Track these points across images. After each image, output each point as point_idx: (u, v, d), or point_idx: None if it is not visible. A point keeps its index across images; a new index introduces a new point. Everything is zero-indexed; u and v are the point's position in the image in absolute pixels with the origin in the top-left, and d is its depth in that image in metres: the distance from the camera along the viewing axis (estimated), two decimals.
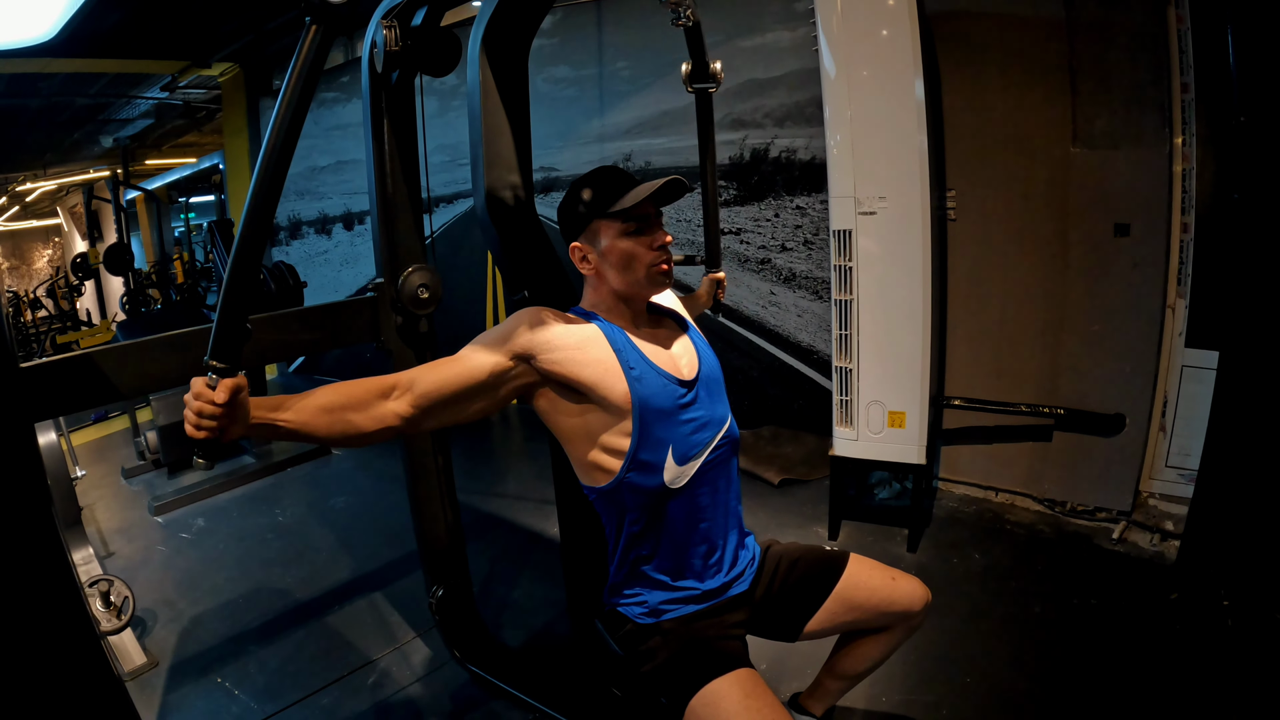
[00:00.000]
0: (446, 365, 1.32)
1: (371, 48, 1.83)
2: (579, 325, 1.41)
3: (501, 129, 1.84)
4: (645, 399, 1.37)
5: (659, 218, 1.44)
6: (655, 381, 1.39)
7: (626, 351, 1.39)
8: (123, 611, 2.73)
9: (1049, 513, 3.31)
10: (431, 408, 1.29)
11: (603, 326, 1.42)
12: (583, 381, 1.35)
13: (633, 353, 1.40)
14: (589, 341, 1.38)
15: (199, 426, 1.07)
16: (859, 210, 2.73)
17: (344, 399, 1.22)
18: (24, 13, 3.79)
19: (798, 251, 4.24)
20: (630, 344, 1.41)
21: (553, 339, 1.35)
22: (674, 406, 1.40)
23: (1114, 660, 2.32)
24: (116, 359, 1.57)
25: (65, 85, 7.55)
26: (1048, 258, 3.19)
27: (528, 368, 1.35)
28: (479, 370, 1.31)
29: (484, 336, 1.37)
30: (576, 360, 1.35)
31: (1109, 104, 2.97)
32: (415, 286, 2.04)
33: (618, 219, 1.39)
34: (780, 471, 3.90)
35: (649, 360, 1.41)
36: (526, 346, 1.34)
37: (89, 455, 5.45)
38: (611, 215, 1.38)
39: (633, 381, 1.37)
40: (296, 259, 7.57)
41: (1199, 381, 2.95)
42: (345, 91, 6.83)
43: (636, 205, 1.37)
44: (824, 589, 1.60)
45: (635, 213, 1.38)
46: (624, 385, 1.36)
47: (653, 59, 4.63)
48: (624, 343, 1.41)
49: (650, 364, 1.41)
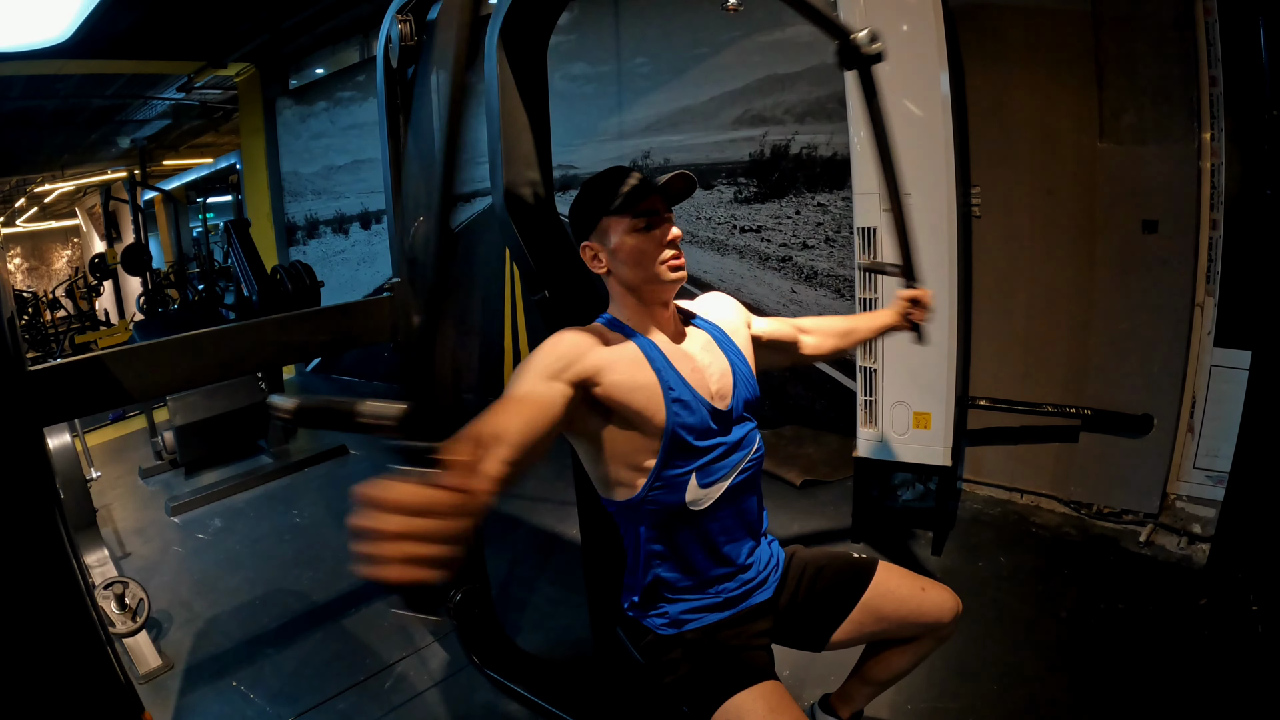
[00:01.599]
0: (520, 407, 1.12)
1: (386, 43, 1.80)
2: (621, 345, 1.36)
3: (520, 124, 1.80)
4: (678, 424, 1.33)
5: (669, 214, 1.40)
6: (691, 406, 1.35)
7: (666, 373, 1.35)
8: (138, 614, 2.72)
9: (1075, 515, 3.24)
10: (523, 458, 1.04)
11: (640, 344, 1.37)
12: (630, 406, 1.31)
13: (671, 374, 1.36)
14: (635, 365, 1.33)
15: (424, 560, 0.68)
16: (884, 207, 2.68)
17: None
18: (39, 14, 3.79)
19: (819, 249, 4.19)
20: (668, 364, 1.37)
21: (603, 363, 1.30)
22: (704, 432, 1.37)
23: (1143, 667, 2.26)
24: (127, 362, 1.55)
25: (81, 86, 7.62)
26: (1074, 255, 3.12)
27: (586, 394, 1.29)
28: (555, 404, 1.18)
29: (534, 370, 1.23)
30: (627, 386, 1.31)
31: (1136, 98, 2.90)
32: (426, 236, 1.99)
33: (626, 215, 1.35)
34: (802, 472, 3.85)
35: (687, 383, 1.37)
36: (583, 372, 1.26)
37: (106, 455, 5.47)
38: (619, 212, 1.35)
39: (670, 404, 1.33)
40: (314, 259, 7.60)
41: (1228, 381, 2.88)
42: (361, 90, 6.83)
43: (645, 201, 1.34)
44: (851, 598, 1.56)
45: (643, 208, 1.35)
46: (664, 413, 1.32)
47: (671, 55, 4.58)
48: (662, 363, 1.36)
49: (688, 387, 1.37)
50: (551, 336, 1.33)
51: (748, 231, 4.44)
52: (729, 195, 4.49)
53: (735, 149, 4.40)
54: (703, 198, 4.59)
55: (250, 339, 1.77)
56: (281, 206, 8.09)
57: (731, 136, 4.39)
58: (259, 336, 1.78)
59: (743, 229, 4.46)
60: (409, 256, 1.82)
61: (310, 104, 7.42)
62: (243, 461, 4.90)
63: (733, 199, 4.47)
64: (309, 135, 7.51)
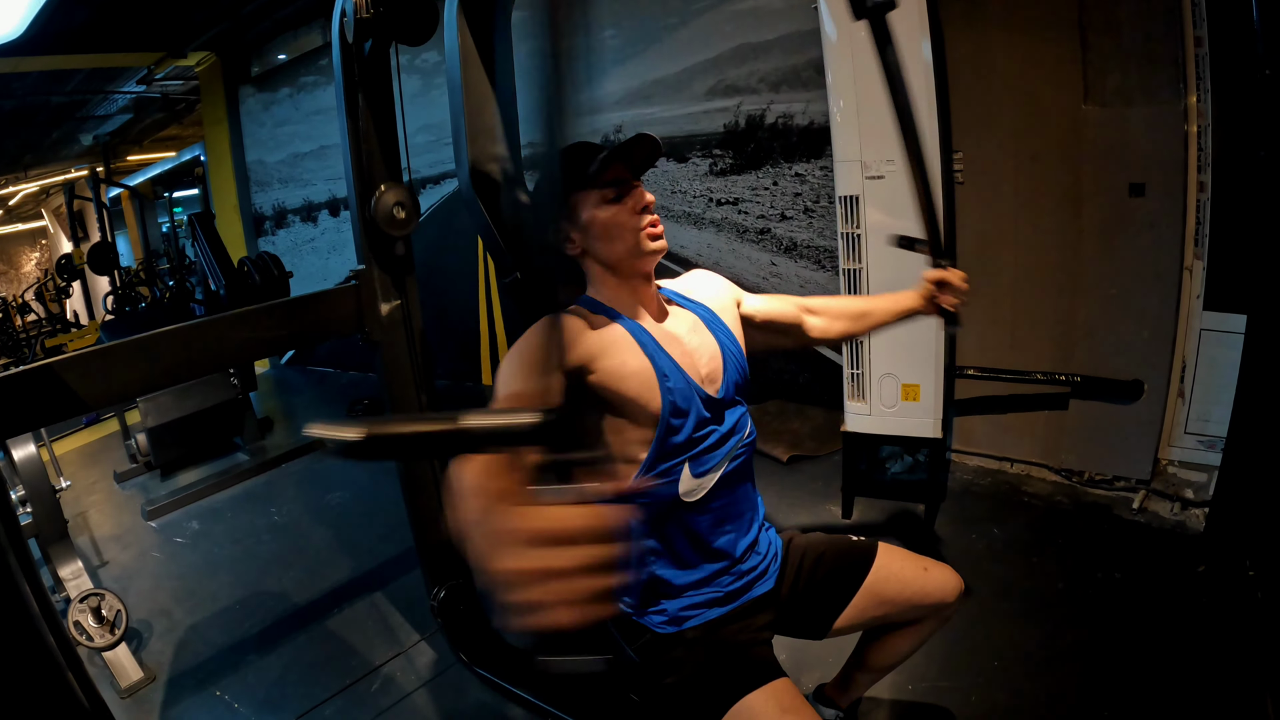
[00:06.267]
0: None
1: (341, 16, 1.69)
2: (609, 329, 1.29)
3: (484, 97, 1.70)
4: (672, 412, 1.26)
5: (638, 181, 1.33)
6: (684, 393, 1.28)
7: (658, 357, 1.27)
8: (116, 625, 2.63)
9: (1066, 483, 3.22)
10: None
11: (627, 326, 1.29)
12: (624, 394, 1.23)
13: (663, 358, 1.28)
14: (626, 350, 1.26)
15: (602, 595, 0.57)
16: (866, 175, 2.61)
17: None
18: None
19: (798, 220, 4.11)
20: (658, 347, 1.29)
21: (594, 349, 1.23)
22: (696, 419, 1.29)
23: (1143, 636, 2.24)
24: (80, 368, 1.45)
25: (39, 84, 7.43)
26: (1060, 220, 3.07)
27: (579, 384, 1.21)
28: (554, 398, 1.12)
29: (523, 364, 1.17)
30: (620, 374, 1.23)
31: (1120, 60, 2.84)
32: (391, 205, 1.89)
33: (592, 188, 1.28)
34: (788, 448, 3.80)
35: (679, 367, 1.29)
36: (575, 361, 1.20)
37: (80, 460, 5.36)
38: (584, 186, 1.28)
39: (665, 392, 1.25)
40: (283, 248, 7.47)
41: (1218, 345, 2.85)
42: (325, 74, 6.67)
43: (609, 170, 1.27)
44: (853, 583, 1.50)
45: (609, 178, 1.28)
46: (659, 400, 1.25)
47: (641, 26, 4.47)
48: (653, 347, 1.28)
49: (681, 373, 1.29)
50: (533, 326, 1.25)
51: (725, 204, 4.35)
52: (704, 168, 4.40)
53: (709, 120, 4.30)
54: (678, 171, 4.50)
55: (210, 336, 1.67)
56: (248, 197, 7.92)
57: (705, 108, 4.29)
58: (219, 333, 1.68)
59: (719, 202, 4.37)
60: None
61: (274, 91, 7.24)
62: (219, 460, 4.79)
63: (708, 171, 4.38)
64: (273, 123, 7.34)
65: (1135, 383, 2.99)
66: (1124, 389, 3.01)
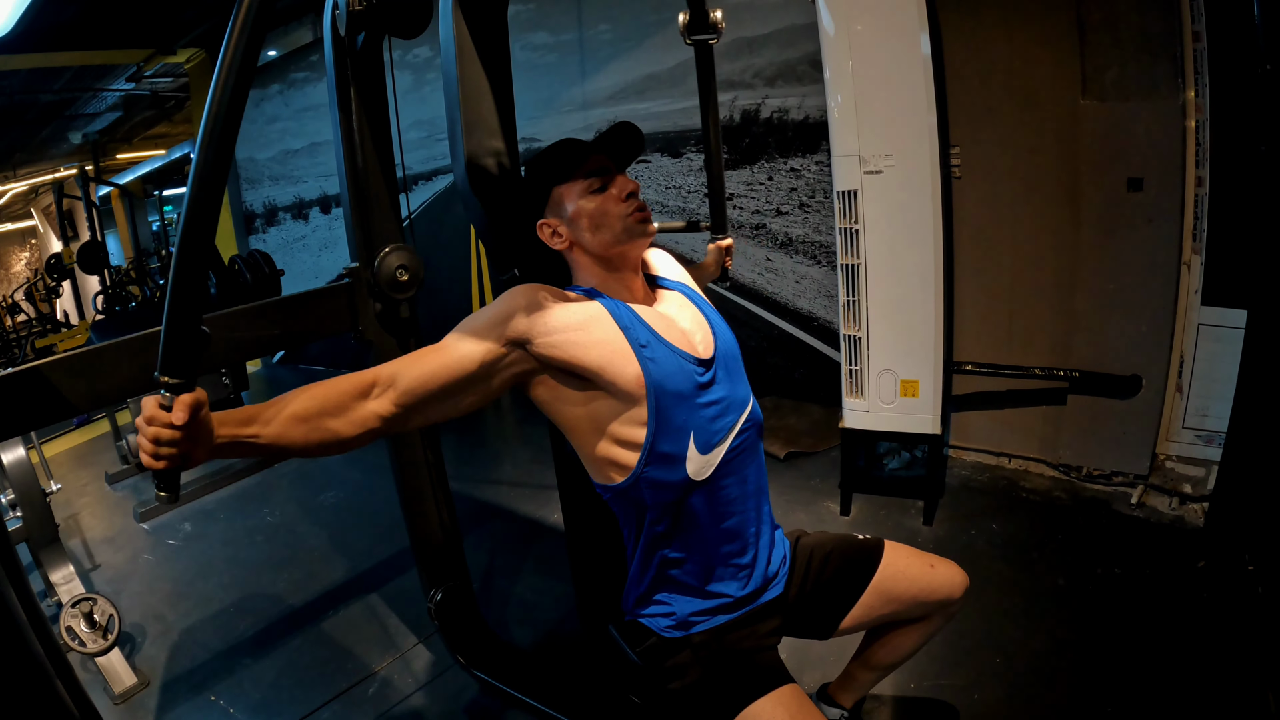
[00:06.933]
0: (431, 356, 1.17)
1: (333, 9, 1.66)
2: (580, 303, 1.26)
3: (481, 90, 1.66)
4: (661, 380, 1.22)
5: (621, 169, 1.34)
6: (671, 360, 1.25)
7: (635, 328, 1.25)
8: (108, 631, 2.60)
9: (1064, 479, 3.21)
10: (416, 405, 1.16)
11: (606, 303, 1.27)
12: (587, 366, 1.20)
13: (642, 329, 1.25)
14: (592, 320, 1.23)
15: (157, 455, 0.91)
16: (865, 170, 2.59)
17: (320, 404, 1.08)
18: None
19: (794, 215, 4.09)
20: (638, 319, 1.26)
21: (550, 320, 1.20)
22: (693, 388, 1.26)
23: (1143, 632, 2.23)
24: (66, 370, 1.42)
25: (28, 82, 7.34)
26: (1058, 215, 3.05)
27: (523, 354, 1.20)
28: (468, 360, 1.17)
29: (472, 320, 1.22)
30: (579, 342, 1.20)
31: (1119, 54, 2.82)
32: (393, 268, 1.89)
33: (576, 179, 1.29)
34: (786, 444, 3.78)
35: (660, 337, 1.27)
36: (520, 330, 1.18)
37: (72, 462, 5.31)
38: (567, 177, 1.29)
39: (645, 361, 1.22)
40: (274, 246, 7.41)
41: (1216, 340, 2.84)
42: (316, 70, 6.61)
43: (591, 159, 1.29)
44: (860, 582, 1.48)
45: (591, 168, 1.29)
46: (636, 367, 1.21)
47: (635, 21, 4.44)
48: (631, 319, 1.26)
49: (663, 341, 1.26)
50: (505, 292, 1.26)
51: None
52: (699, 163, 4.37)
53: None
54: (672, 166, 4.47)
55: None
56: (239, 194, 7.85)
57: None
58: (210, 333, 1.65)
59: None
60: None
61: (264, 87, 7.17)
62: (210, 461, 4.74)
63: (703, 167, 4.35)
64: (264, 120, 7.27)
65: (1133, 378, 2.98)
66: (1122, 384, 3.00)
